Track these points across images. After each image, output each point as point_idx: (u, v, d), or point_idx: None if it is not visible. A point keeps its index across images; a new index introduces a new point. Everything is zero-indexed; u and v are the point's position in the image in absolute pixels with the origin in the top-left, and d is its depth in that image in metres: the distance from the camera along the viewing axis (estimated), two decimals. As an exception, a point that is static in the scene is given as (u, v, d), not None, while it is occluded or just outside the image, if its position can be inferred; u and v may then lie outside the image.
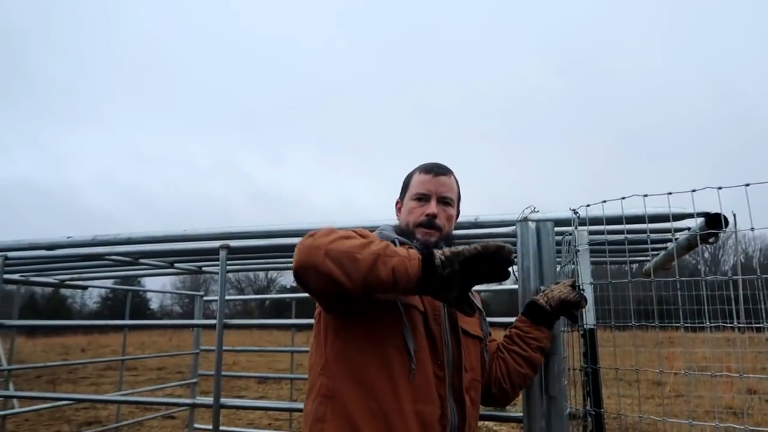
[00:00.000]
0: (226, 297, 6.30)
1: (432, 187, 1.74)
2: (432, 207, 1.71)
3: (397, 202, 1.86)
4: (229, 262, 4.08)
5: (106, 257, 3.24)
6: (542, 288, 1.92)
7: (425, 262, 1.35)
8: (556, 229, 2.07)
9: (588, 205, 1.90)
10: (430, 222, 1.70)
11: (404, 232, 1.74)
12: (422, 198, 1.74)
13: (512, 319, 1.92)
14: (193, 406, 4.57)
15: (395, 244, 1.64)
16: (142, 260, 3.57)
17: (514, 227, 2.09)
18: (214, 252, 2.81)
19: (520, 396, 1.97)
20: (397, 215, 1.85)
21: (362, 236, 1.44)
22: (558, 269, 2.15)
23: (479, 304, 1.81)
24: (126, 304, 5.65)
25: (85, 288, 5.32)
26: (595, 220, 1.94)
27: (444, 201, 1.75)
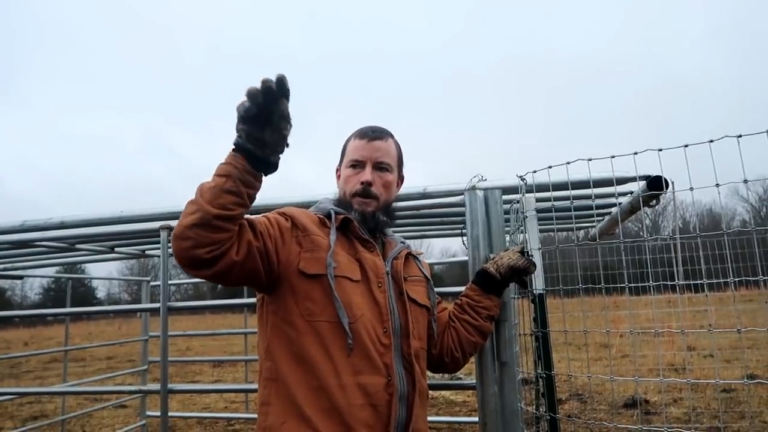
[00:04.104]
0: (175, 281, 6.13)
1: (366, 153, 1.67)
2: (366, 174, 1.65)
3: (337, 169, 1.79)
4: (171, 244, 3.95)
5: (39, 244, 3.06)
6: (491, 256, 1.92)
7: (235, 144, 1.34)
8: (504, 197, 2.07)
9: (534, 171, 1.89)
10: (365, 191, 1.64)
11: (342, 202, 1.69)
12: (357, 165, 1.68)
13: (464, 289, 1.91)
14: (140, 392, 4.44)
15: (331, 215, 1.61)
16: (79, 246, 3.39)
17: (463, 197, 2.08)
18: (155, 234, 2.69)
19: (474, 363, 1.99)
20: (337, 183, 1.79)
21: None
22: (507, 238, 2.15)
23: (427, 273, 1.80)
24: (68, 294, 5.41)
25: (20, 278, 5.05)
26: (542, 187, 1.94)
27: (380, 167, 1.68)
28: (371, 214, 1.65)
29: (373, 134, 1.69)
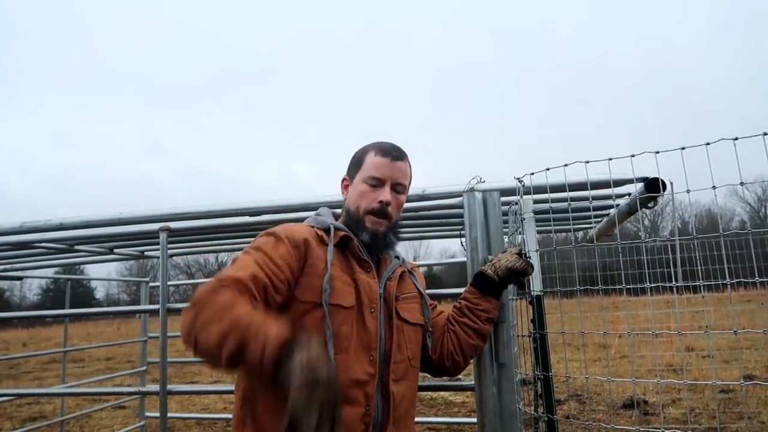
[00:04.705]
0: (174, 282, 6.13)
1: (388, 172, 1.63)
2: (386, 193, 1.62)
3: (344, 179, 1.74)
4: (171, 245, 3.95)
5: (38, 245, 3.06)
6: (490, 257, 1.93)
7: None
8: (503, 199, 2.08)
9: (532, 173, 1.90)
10: (382, 210, 1.61)
11: (353, 218, 1.64)
12: (376, 183, 1.63)
13: (463, 290, 1.92)
14: (139, 393, 4.44)
15: (329, 230, 1.57)
16: (78, 247, 3.40)
17: (461, 198, 2.09)
18: (154, 235, 2.70)
19: (472, 365, 1.99)
20: (343, 192, 1.74)
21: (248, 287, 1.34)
22: (506, 240, 2.16)
23: (421, 287, 1.77)
24: (67, 295, 5.41)
25: (19, 279, 5.05)
26: (540, 188, 1.95)
27: (397, 188, 1.66)
28: (383, 234, 1.63)
29: (396, 154, 1.66)
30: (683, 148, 1.61)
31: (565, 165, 1.79)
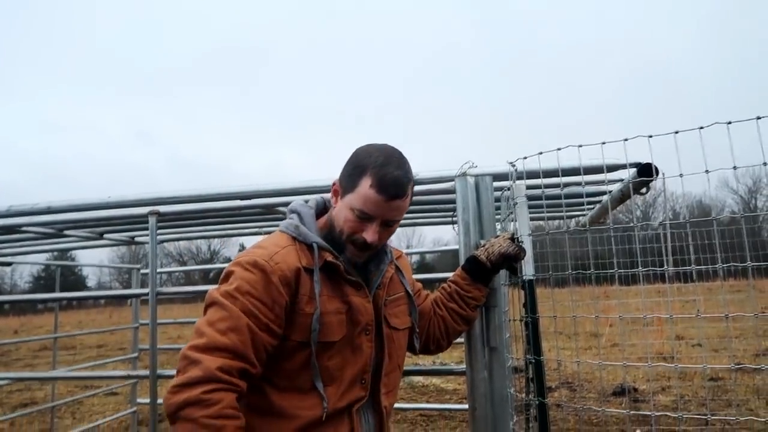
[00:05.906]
0: (166, 269, 6.09)
1: (380, 211, 1.46)
2: (371, 233, 1.47)
3: (334, 183, 1.56)
4: (161, 230, 3.92)
5: (26, 230, 3.02)
6: (482, 242, 1.92)
7: None
8: (495, 185, 2.06)
9: (525, 158, 1.89)
10: (365, 245, 1.49)
11: (335, 238, 1.52)
12: (364, 217, 1.46)
13: (452, 275, 1.90)
14: (129, 377, 4.43)
15: (313, 248, 1.47)
16: (67, 232, 3.36)
17: (453, 183, 2.08)
18: (144, 220, 2.67)
19: (464, 349, 1.99)
20: (333, 199, 1.57)
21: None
22: (499, 226, 2.15)
23: (408, 283, 1.72)
24: (57, 280, 5.37)
25: (8, 264, 5.00)
26: (532, 174, 1.94)
27: (388, 222, 1.51)
28: (362, 264, 1.56)
29: (394, 192, 1.44)
30: (677, 132, 1.60)
31: (558, 149, 1.78)
